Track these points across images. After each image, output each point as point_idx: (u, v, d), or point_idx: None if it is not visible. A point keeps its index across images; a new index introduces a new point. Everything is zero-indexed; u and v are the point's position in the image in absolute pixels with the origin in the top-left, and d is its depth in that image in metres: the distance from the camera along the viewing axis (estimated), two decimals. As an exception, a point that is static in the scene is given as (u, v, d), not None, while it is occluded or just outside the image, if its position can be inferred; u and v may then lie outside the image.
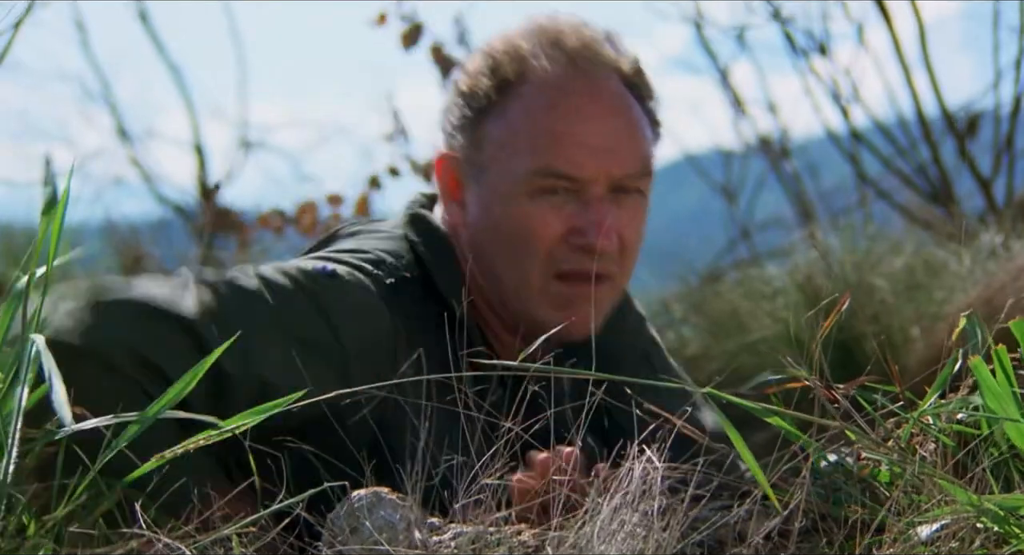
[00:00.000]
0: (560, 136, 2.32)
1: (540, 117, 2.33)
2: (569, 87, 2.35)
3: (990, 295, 4.45)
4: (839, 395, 1.87)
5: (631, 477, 1.74)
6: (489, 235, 2.37)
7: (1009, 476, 1.82)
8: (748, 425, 1.93)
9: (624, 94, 2.38)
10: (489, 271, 2.38)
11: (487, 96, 2.37)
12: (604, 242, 2.31)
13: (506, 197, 2.34)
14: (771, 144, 8.76)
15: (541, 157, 2.32)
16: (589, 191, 2.33)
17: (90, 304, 2.01)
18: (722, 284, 6.02)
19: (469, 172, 2.38)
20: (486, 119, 2.37)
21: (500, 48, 2.39)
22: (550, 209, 2.33)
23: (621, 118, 2.36)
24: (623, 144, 2.35)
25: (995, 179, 7.08)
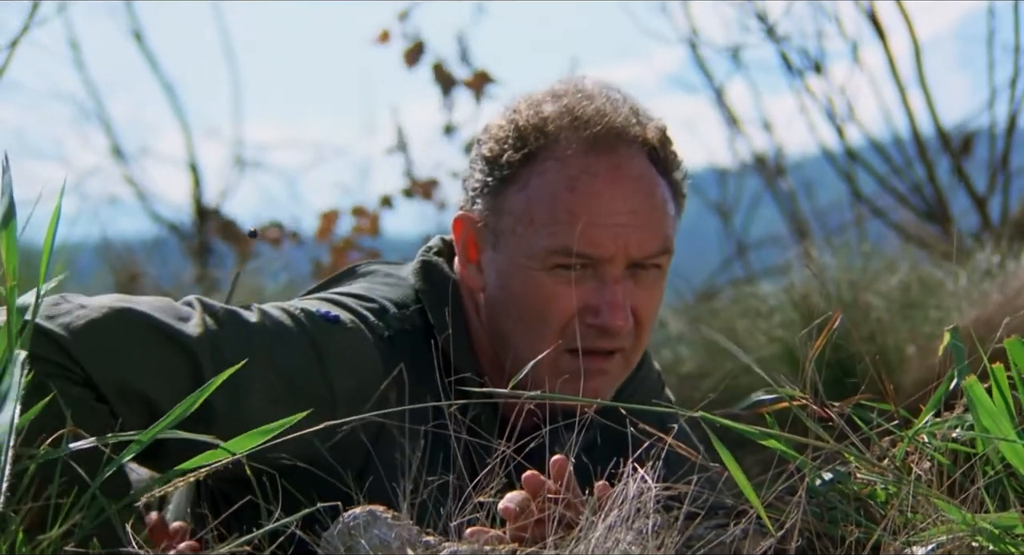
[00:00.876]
0: (579, 217, 2.31)
1: (561, 196, 2.32)
2: (591, 168, 2.33)
3: (986, 315, 4.45)
4: (834, 413, 1.87)
5: (625, 495, 1.74)
6: (504, 303, 2.37)
7: (1004, 495, 1.82)
8: (742, 446, 1.92)
9: (648, 173, 2.36)
10: (501, 337, 2.38)
11: (510, 166, 2.36)
12: (618, 323, 2.31)
13: (523, 269, 2.34)
14: (766, 162, 8.77)
15: (560, 236, 2.31)
16: (607, 270, 2.32)
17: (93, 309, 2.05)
18: (718, 302, 6.02)
19: (487, 238, 2.38)
20: (507, 189, 2.36)
21: (526, 117, 2.37)
22: (566, 285, 2.32)
23: (643, 199, 2.34)
24: (644, 225, 2.34)
25: (990, 197, 7.08)
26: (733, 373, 5.10)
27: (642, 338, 2.39)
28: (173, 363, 2.07)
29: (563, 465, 1.97)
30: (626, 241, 2.32)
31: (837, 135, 7.78)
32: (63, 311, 2.06)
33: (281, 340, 2.19)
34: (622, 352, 2.36)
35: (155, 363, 2.07)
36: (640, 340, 2.39)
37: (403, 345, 2.32)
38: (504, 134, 2.38)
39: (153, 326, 2.09)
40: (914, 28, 7.21)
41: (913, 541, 1.74)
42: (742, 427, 1.84)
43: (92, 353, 2.03)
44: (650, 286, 2.37)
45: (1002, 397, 1.84)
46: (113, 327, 2.06)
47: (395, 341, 2.31)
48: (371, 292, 2.39)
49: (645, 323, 2.37)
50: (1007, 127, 7.10)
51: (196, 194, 10.96)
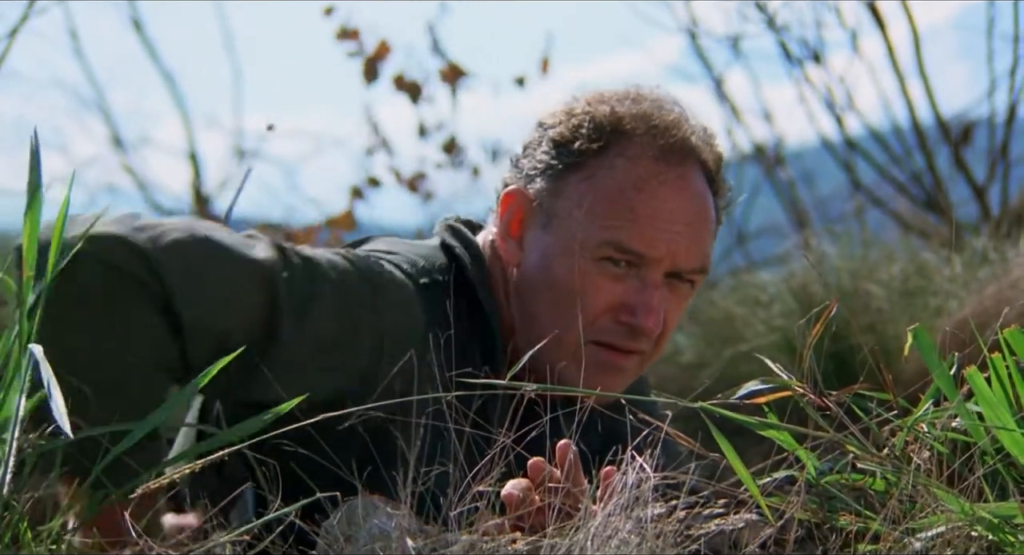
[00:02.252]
0: (641, 217, 2.38)
1: (626, 193, 2.39)
2: (660, 174, 2.40)
3: (985, 305, 4.45)
4: (832, 403, 1.87)
5: (624, 484, 1.74)
6: (541, 284, 2.42)
7: (1004, 484, 1.82)
8: (741, 435, 1.92)
9: (705, 191, 2.45)
10: (529, 316, 2.43)
11: (580, 154, 2.42)
12: (652, 325, 2.39)
13: (571, 254, 2.39)
14: (766, 152, 8.76)
15: (618, 232, 2.38)
16: (649, 274, 2.39)
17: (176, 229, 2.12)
18: (717, 291, 6.01)
19: (538, 217, 2.44)
20: (572, 175, 2.42)
21: (602, 111, 2.44)
22: (608, 280, 2.39)
23: (699, 214, 2.43)
24: (694, 238, 2.42)
25: (990, 187, 7.08)
26: (732, 362, 5.10)
27: (660, 347, 2.46)
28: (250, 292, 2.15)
29: (566, 451, 1.98)
30: (676, 249, 2.39)
31: (836, 125, 7.77)
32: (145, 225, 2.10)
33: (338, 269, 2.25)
34: (640, 355, 2.43)
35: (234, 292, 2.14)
36: (658, 349, 2.46)
37: (437, 294, 2.37)
38: (578, 122, 2.44)
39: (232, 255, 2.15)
40: (913, 18, 7.20)
41: (912, 530, 1.74)
42: (741, 417, 1.84)
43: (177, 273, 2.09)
44: (681, 299, 2.46)
45: (1001, 387, 1.84)
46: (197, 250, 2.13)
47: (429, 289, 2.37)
48: (397, 249, 2.44)
49: (667, 334, 2.45)
50: (1006, 117, 7.09)
51: (196, 184, 10.97)
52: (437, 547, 1.77)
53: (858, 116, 7.73)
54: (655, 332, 2.40)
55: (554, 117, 2.48)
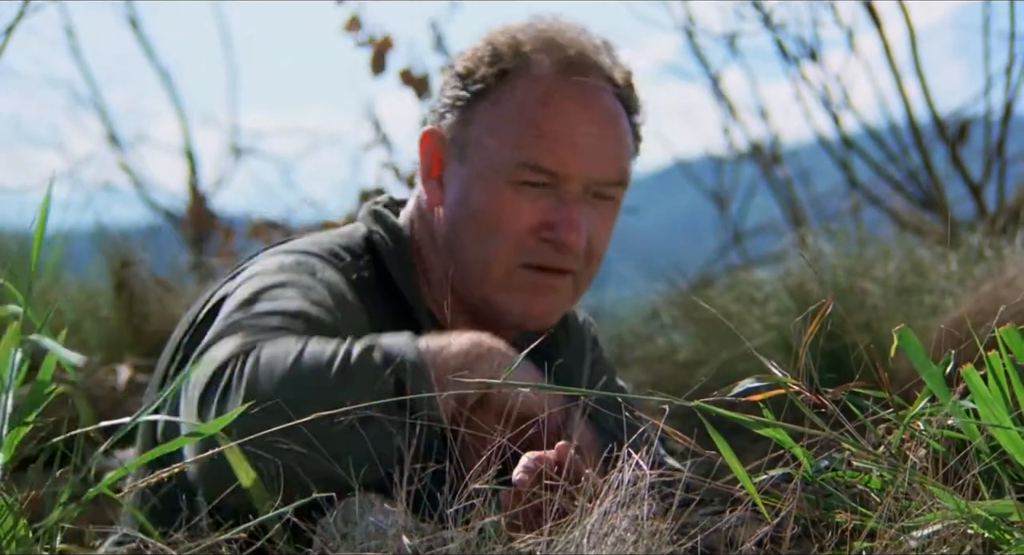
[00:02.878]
0: (548, 133, 2.38)
1: (532, 112, 2.39)
2: (564, 89, 2.40)
3: (981, 304, 4.45)
4: (828, 400, 1.87)
5: (620, 481, 1.74)
6: (463, 216, 2.42)
7: (999, 482, 1.82)
8: (737, 432, 1.93)
9: (614, 105, 2.44)
10: (456, 251, 2.43)
11: (484, 81, 2.43)
12: (574, 238, 2.38)
13: (486, 181, 2.40)
14: (762, 150, 8.76)
15: (528, 151, 2.38)
16: (567, 189, 2.39)
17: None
18: (713, 289, 6.01)
19: (453, 151, 2.44)
20: (479, 103, 2.43)
21: (502, 39, 2.45)
22: (527, 199, 2.38)
23: (608, 126, 2.42)
24: (607, 151, 2.41)
25: (986, 185, 7.08)
26: (728, 360, 5.10)
27: (592, 267, 2.45)
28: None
29: (565, 453, 1.98)
30: (589, 163, 2.39)
31: (833, 123, 7.77)
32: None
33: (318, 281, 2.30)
34: (572, 275, 2.42)
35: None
36: (590, 269, 2.45)
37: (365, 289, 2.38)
38: (479, 53, 2.45)
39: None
40: (910, 16, 7.20)
41: (908, 528, 1.74)
42: (737, 415, 1.84)
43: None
44: (604, 215, 2.44)
45: (997, 384, 1.84)
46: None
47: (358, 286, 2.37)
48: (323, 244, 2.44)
49: (596, 251, 2.44)
50: (1003, 114, 7.10)
51: (192, 181, 10.97)
52: (434, 545, 1.77)
53: (854, 114, 7.74)
54: (580, 246, 2.39)
55: (459, 55, 2.49)
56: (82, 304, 5.57)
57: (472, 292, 2.42)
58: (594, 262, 2.45)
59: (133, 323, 5.65)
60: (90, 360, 5.34)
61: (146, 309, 5.64)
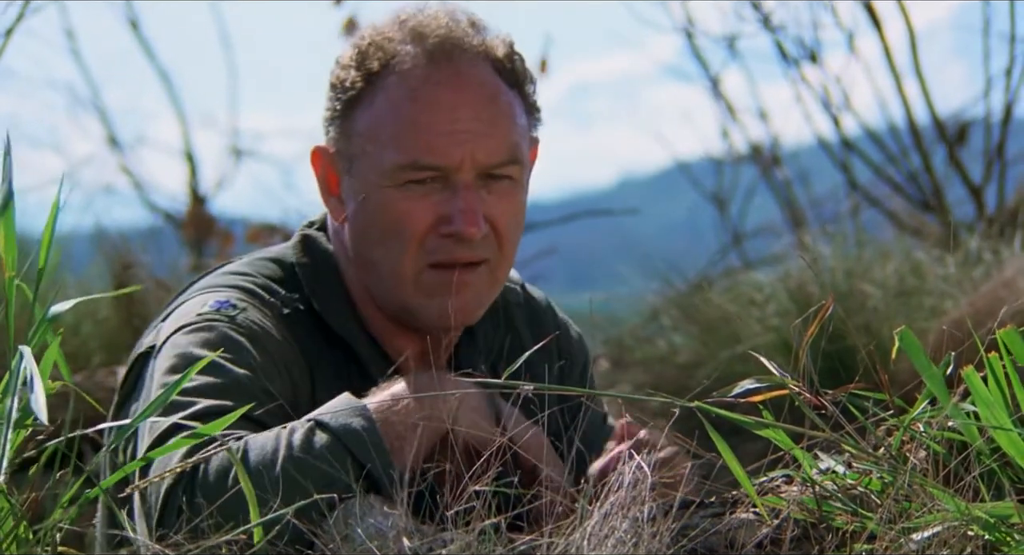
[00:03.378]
0: (423, 127, 2.31)
1: (404, 108, 2.33)
2: (432, 77, 2.33)
3: (980, 305, 4.45)
4: (828, 402, 1.87)
5: (621, 483, 1.74)
6: (364, 227, 2.36)
7: (1000, 484, 1.82)
8: (737, 434, 1.93)
9: (491, 81, 2.36)
10: (367, 264, 2.38)
11: (354, 87, 2.36)
12: (471, 229, 2.31)
13: (375, 189, 2.34)
14: (762, 152, 8.76)
15: (406, 150, 2.32)
16: (456, 179, 2.32)
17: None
18: (713, 291, 6.01)
19: (342, 165, 2.38)
20: (354, 111, 2.37)
21: (367, 39, 2.38)
22: (419, 199, 2.32)
23: (486, 105, 2.34)
24: (489, 132, 2.33)
25: (986, 187, 7.08)
26: (728, 362, 5.10)
27: (505, 250, 2.38)
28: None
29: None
30: (472, 148, 2.32)
31: (833, 124, 7.77)
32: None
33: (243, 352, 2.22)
34: (486, 264, 2.36)
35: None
36: (503, 252, 2.38)
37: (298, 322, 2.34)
38: (349, 59, 2.38)
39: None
40: (910, 17, 7.20)
41: (908, 530, 1.74)
42: (737, 416, 1.84)
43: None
44: (504, 196, 2.36)
45: (998, 386, 1.84)
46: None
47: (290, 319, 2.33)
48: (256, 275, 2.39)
49: (505, 234, 2.37)
50: (1003, 116, 7.10)
51: (192, 183, 10.96)
52: (434, 546, 1.77)
53: (854, 116, 7.74)
54: (479, 234, 2.32)
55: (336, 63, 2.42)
56: (81, 306, 5.57)
57: (390, 302, 2.38)
58: (507, 245, 2.38)
59: (132, 325, 5.65)
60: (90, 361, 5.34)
61: (146, 311, 5.64)
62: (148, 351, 2.28)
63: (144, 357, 2.28)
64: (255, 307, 2.31)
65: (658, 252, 6.94)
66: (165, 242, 8.82)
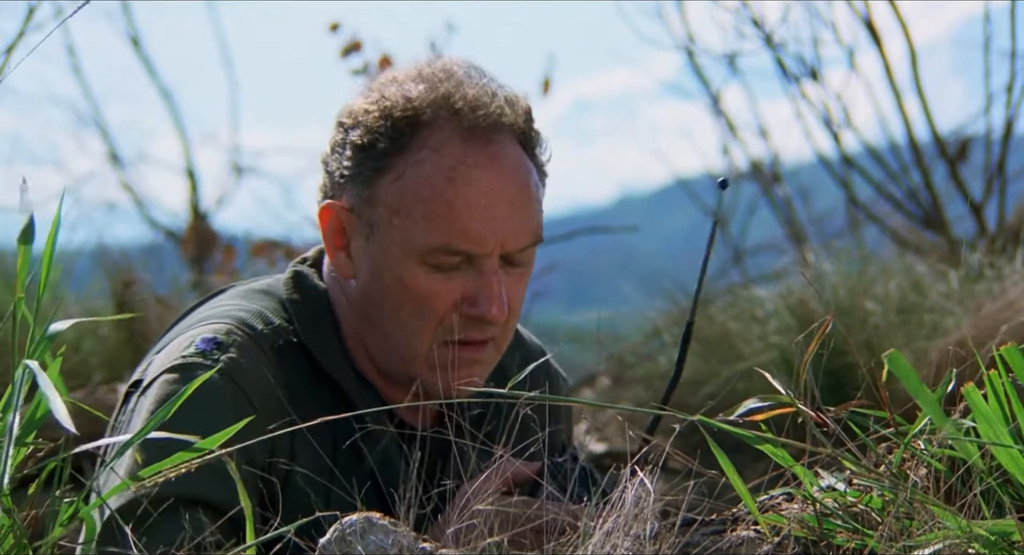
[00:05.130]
0: (459, 210, 2.28)
1: (439, 189, 2.28)
2: (469, 158, 2.29)
3: (981, 326, 4.45)
4: (829, 419, 1.87)
5: (623, 501, 1.74)
6: (380, 296, 2.33)
7: (1001, 501, 1.82)
8: (739, 452, 1.93)
9: (522, 161, 2.34)
10: (377, 329, 2.36)
11: (385, 156, 2.31)
12: (496, 312, 2.30)
13: (399, 263, 2.30)
14: (763, 169, 8.78)
15: (440, 234, 2.28)
16: (483, 263, 2.30)
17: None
18: (714, 308, 6.02)
19: (359, 228, 2.34)
20: (381, 178, 2.31)
21: (396, 103, 2.32)
22: (444, 280, 2.30)
23: (519, 189, 2.32)
24: (520, 217, 2.32)
25: (986, 203, 7.10)
26: (730, 379, 5.10)
27: (511, 324, 2.38)
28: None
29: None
30: (504, 235, 2.30)
31: (833, 141, 7.79)
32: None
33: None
34: (493, 340, 2.36)
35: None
36: (508, 326, 2.38)
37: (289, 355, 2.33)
38: (375, 122, 2.32)
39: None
40: (910, 34, 7.22)
41: (909, 547, 1.74)
42: (739, 431, 1.84)
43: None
44: (520, 275, 2.36)
45: (998, 404, 1.84)
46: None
47: (282, 352, 2.32)
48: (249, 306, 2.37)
49: (514, 313, 2.37)
50: (1003, 133, 7.12)
51: (193, 200, 10.98)
52: (435, 564, 1.77)
53: (855, 133, 7.76)
54: (502, 318, 2.32)
55: (352, 116, 2.35)
56: (82, 323, 5.57)
57: (394, 368, 2.36)
58: (512, 320, 2.38)
59: (133, 342, 5.66)
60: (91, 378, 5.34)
61: (146, 328, 5.64)
62: (138, 382, 2.28)
63: (136, 385, 2.29)
64: (245, 340, 2.29)
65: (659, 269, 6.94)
66: (166, 259, 8.84)
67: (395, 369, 2.36)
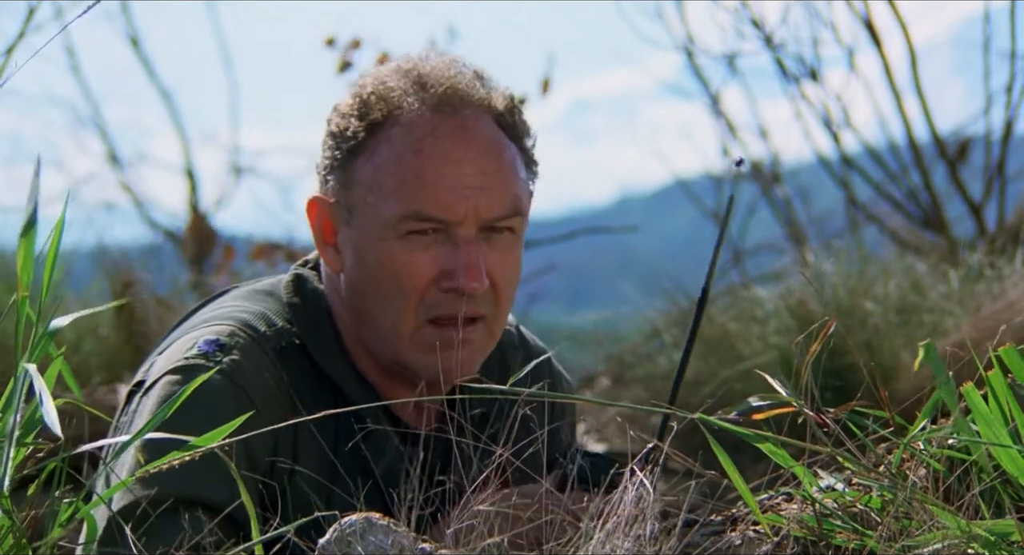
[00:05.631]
0: (428, 180, 2.28)
1: (408, 160, 2.29)
2: (437, 129, 2.30)
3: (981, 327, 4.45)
4: (829, 420, 1.87)
5: (624, 502, 1.74)
6: (362, 279, 2.34)
7: (1000, 501, 1.83)
8: (739, 452, 1.93)
9: (494, 135, 2.34)
10: (364, 316, 2.36)
11: (356, 137, 2.33)
12: (473, 285, 2.29)
13: (376, 240, 2.31)
14: (762, 169, 8.78)
15: (409, 201, 2.28)
16: (458, 233, 2.30)
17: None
18: (714, 308, 6.02)
19: (340, 215, 2.35)
20: (355, 160, 2.33)
21: (369, 88, 2.34)
22: (420, 251, 2.30)
23: (490, 159, 2.32)
24: (493, 186, 2.31)
25: (986, 204, 7.10)
26: (730, 380, 5.10)
27: (502, 305, 2.36)
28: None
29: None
30: (476, 203, 2.29)
31: (833, 142, 7.80)
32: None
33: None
34: (483, 320, 2.34)
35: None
36: (500, 307, 2.36)
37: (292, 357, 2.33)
38: (349, 108, 2.35)
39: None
40: (910, 34, 7.22)
41: (909, 547, 1.74)
42: (739, 429, 1.84)
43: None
44: (504, 250, 2.34)
45: (998, 404, 1.85)
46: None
47: (285, 353, 2.32)
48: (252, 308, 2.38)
49: (503, 289, 2.35)
50: (1003, 133, 7.12)
51: (192, 200, 10.98)
52: (434, 564, 1.77)
53: (854, 133, 7.77)
54: (481, 289, 2.30)
55: (333, 110, 2.38)
56: (82, 323, 5.58)
57: (386, 355, 2.35)
58: (504, 301, 2.36)
59: (133, 342, 5.66)
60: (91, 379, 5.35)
61: (146, 328, 5.65)
62: (141, 382, 2.29)
63: (138, 386, 2.29)
64: (248, 342, 2.29)
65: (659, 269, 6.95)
66: (165, 259, 8.84)
67: (388, 356, 2.34)
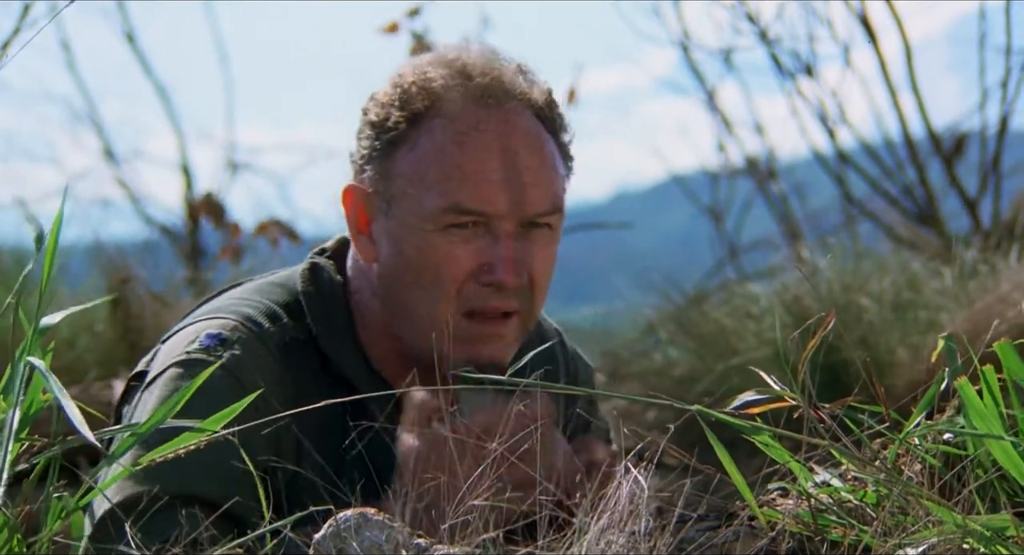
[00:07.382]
0: (470, 173, 2.28)
1: (451, 153, 2.28)
2: (480, 122, 2.30)
3: (976, 320, 4.45)
4: (825, 415, 1.87)
5: (618, 497, 1.74)
6: (399, 270, 2.33)
7: (995, 497, 1.83)
8: (735, 448, 1.93)
9: (536, 129, 2.33)
10: (398, 307, 2.35)
11: (396, 127, 2.32)
12: (512, 278, 2.29)
13: (415, 232, 2.30)
14: (758, 165, 8.79)
15: (451, 194, 2.28)
16: (499, 227, 2.30)
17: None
18: (709, 304, 6.02)
19: (378, 205, 2.34)
20: (396, 151, 2.33)
21: (411, 79, 2.33)
22: (460, 244, 2.29)
23: (533, 154, 2.31)
24: (534, 181, 2.31)
25: (981, 200, 7.10)
26: (724, 375, 5.11)
27: (537, 301, 2.37)
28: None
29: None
30: (518, 197, 2.29)
31: (828, 137, 7.80)
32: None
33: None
34: (518, 315, 2.34)
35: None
36: (535, 303, 2.36)
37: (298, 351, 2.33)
38: (390, 98, 2.34)
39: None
40: (905, 30, 7.23)
41: (904, 543, 1.74)
42: (736, 421, 1.84)
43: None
44: (542, 245, 2.34)
45: (992, 399, 1.85)
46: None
47: (289, 349, 2.32)
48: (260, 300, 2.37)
49: (539, 285, 2.35)
50: (998, 129, 7.12)
51: (188, 196, 10.97)
52: (430, 560, 1.77)
53: (850, 129, 7.77)
54: (519, 283, 2.30)
55: (371, 100, 2.38)
56: (78, 319, 5.57)
57: (418, 345, 2.34)
58: (539, 296, 2.36)
59: (129, 338, 5.66)
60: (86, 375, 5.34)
61: (142, 324, 5.64)
62: (142, 373, 2.28)
63: (139, 377, 2.29)
64: (250, 337, 2.29)
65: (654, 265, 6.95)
66: (161, 255, 8.84)
67: (421, 345, 2.33)
